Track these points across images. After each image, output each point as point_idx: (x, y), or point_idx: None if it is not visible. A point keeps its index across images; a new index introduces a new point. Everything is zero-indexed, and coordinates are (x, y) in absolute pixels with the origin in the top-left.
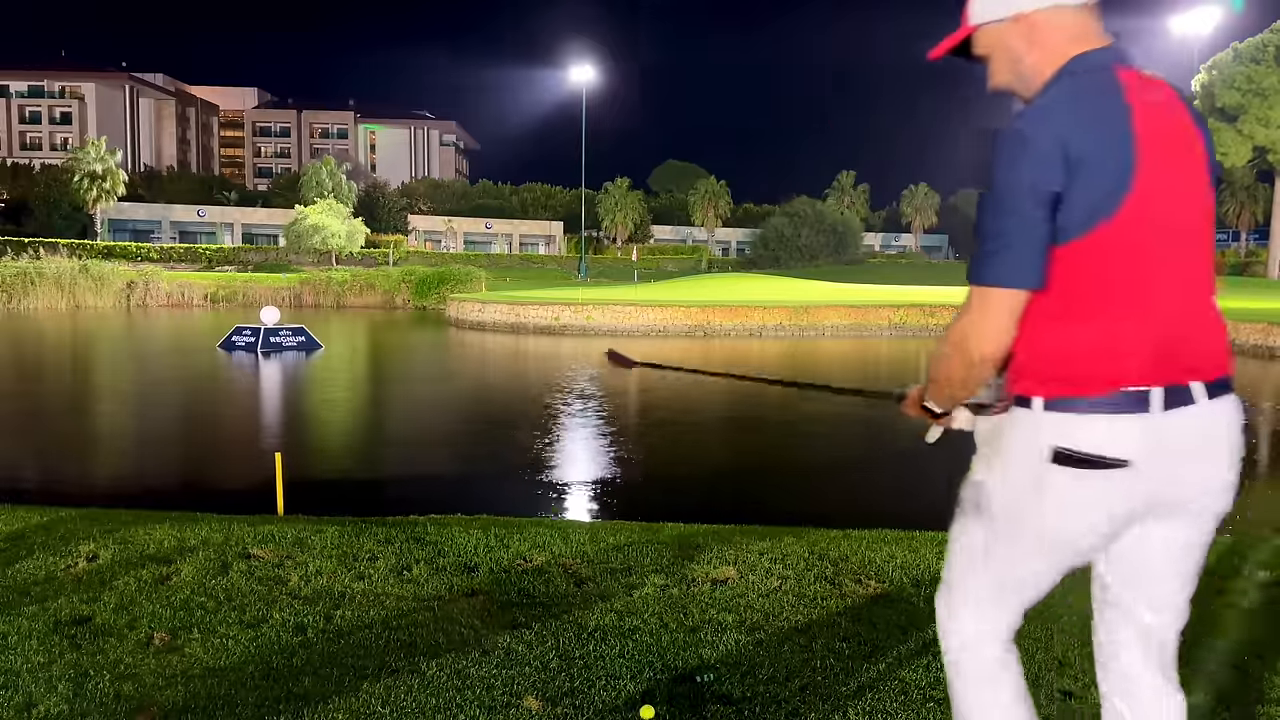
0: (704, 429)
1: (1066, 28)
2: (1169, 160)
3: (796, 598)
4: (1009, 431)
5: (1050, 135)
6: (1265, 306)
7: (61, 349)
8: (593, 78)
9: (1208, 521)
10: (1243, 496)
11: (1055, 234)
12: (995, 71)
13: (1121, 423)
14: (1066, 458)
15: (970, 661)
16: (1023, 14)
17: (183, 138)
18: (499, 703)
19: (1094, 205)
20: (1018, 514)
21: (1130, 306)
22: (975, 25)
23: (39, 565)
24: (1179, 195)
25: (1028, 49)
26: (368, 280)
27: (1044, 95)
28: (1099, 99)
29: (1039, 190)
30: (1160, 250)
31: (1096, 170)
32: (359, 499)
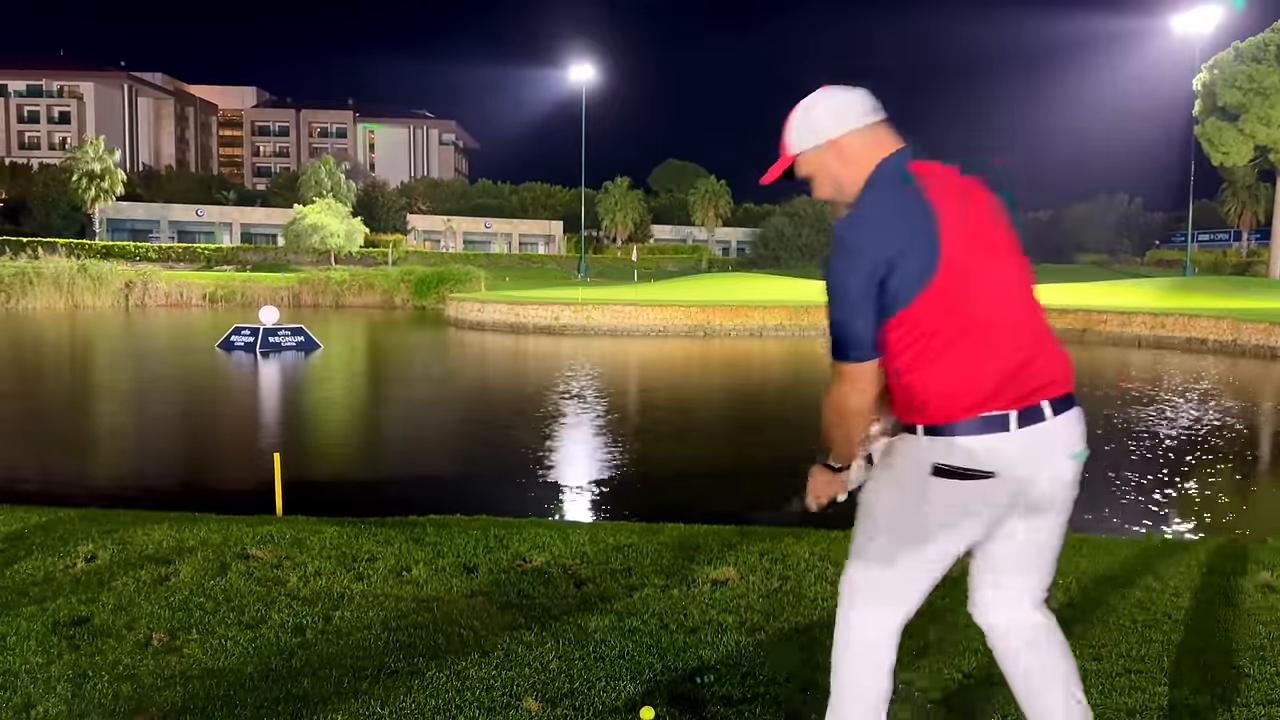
0: (704, 429)
1: (866, 143)
2: (968, 228)
3: (796, 598)
4: (899, 451)
5: (870, 242)
6: (1266, 306)
7: (60, 349)
8: (592, 77)
9: (1061, 514)
10: (1243, 497)
11: (886, 309)
12: (819, 187)
13: (986, 441)
14: (944, 471)
15: (859, 646)
16: (832, 139)
17: (181, 137)
18: (499, 703)
19: (910, 283)
20: (906, 519)
21: (969, 348)
22: (795, 154)
23: (38, 566)
24: (986, 253)
25: (841, 166)
26: (367, 280)
27: (860, 205)
28: (904, 203)
29: (867, 285)
30: (984, 302)
31: (910, 258)
32: (358, 499)
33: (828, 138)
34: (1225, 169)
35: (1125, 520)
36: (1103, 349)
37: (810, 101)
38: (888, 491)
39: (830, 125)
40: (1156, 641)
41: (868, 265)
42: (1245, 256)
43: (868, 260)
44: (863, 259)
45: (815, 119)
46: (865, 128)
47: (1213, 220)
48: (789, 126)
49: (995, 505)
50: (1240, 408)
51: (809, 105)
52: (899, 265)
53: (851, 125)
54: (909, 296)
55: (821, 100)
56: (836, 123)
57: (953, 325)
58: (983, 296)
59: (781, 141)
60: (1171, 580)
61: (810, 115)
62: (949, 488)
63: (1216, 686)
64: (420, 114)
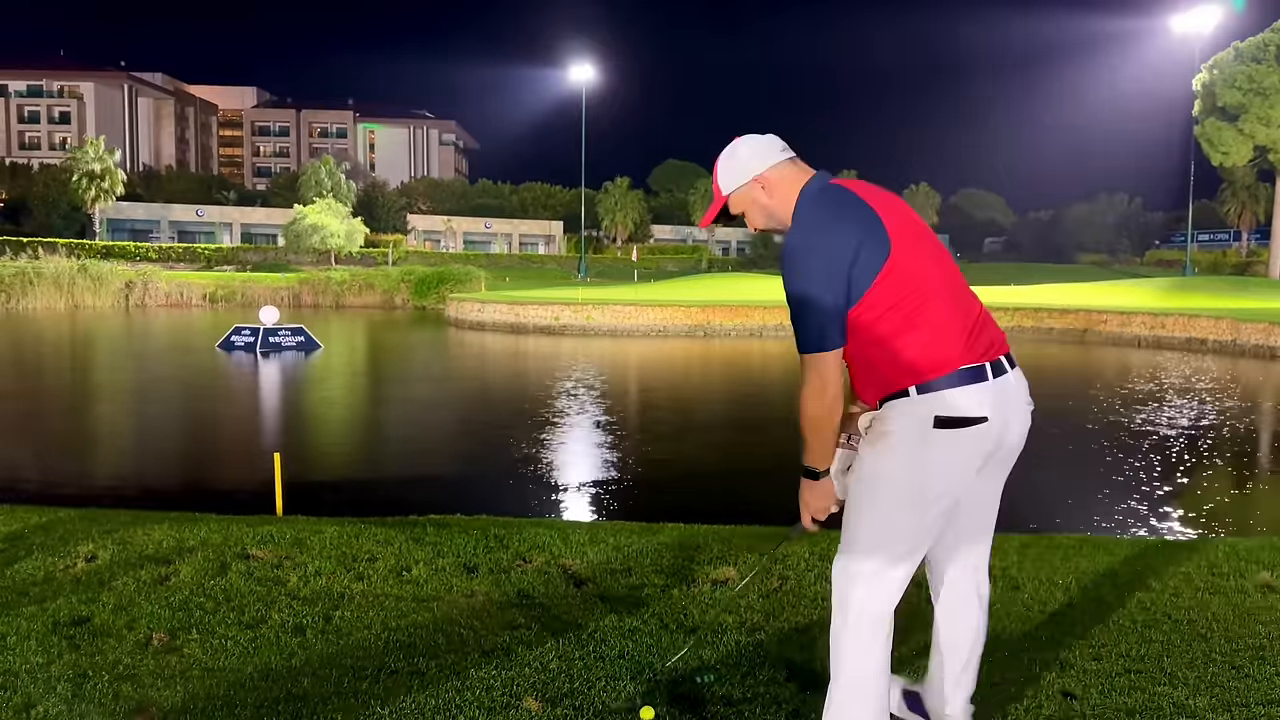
0: (704, 429)
1: (785, 174)
2: (897, 216)
3: (796, 598)
4: (892, 417)
5: (827, 242)
6: (1266, 306)
7: (60, 349)
8: (592, 77)
9: (1011, 465)
10: (1243, 497)
11: (851, 297)
12: (753, 219)
13: (972, 390)
14: (944, 421)
15: (863, 621)
16: (758, 175)
17: (181, 137)
18: (499, 703)
19: (871, 267)
20: (909, 477)
21: (931, 314)
22: (727, 195)
23: (38, 566)
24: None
25: (769, 196)
26: (367, 280)
27: (804, 216)
28: (843, 204)
29: (828, 280)
30: (933, 274)
31: (866, 246)
32: (358, 499)
33: (754, 174)
34: (1225, 169)
35: (1125, 520)
36: (1102, 349)
37: (731, 148)
38: (887, 456)
39: (755, 164)
40: (1156, 641)
41: (827, 262)
42: (1245, 256)
43: (826, 258)
44: (822, 257)
45: (740, 161)
46: (782, 162)
47: (1212, 220)
48: (717, 172)
49: (984, 453)
50: (1240, 408)
51: (731, 151)
52: (859, 254)
53: (772, 161)
54: (870, 279)
55: (741, 145)
56: (760, 161)
57: (915, 296)
58: (930, 269)
59: (713, 186)
60: (1171, 580)
61: (735, 158)
62: (951, 437)
63: (1216, 686)
64: (420, 114)
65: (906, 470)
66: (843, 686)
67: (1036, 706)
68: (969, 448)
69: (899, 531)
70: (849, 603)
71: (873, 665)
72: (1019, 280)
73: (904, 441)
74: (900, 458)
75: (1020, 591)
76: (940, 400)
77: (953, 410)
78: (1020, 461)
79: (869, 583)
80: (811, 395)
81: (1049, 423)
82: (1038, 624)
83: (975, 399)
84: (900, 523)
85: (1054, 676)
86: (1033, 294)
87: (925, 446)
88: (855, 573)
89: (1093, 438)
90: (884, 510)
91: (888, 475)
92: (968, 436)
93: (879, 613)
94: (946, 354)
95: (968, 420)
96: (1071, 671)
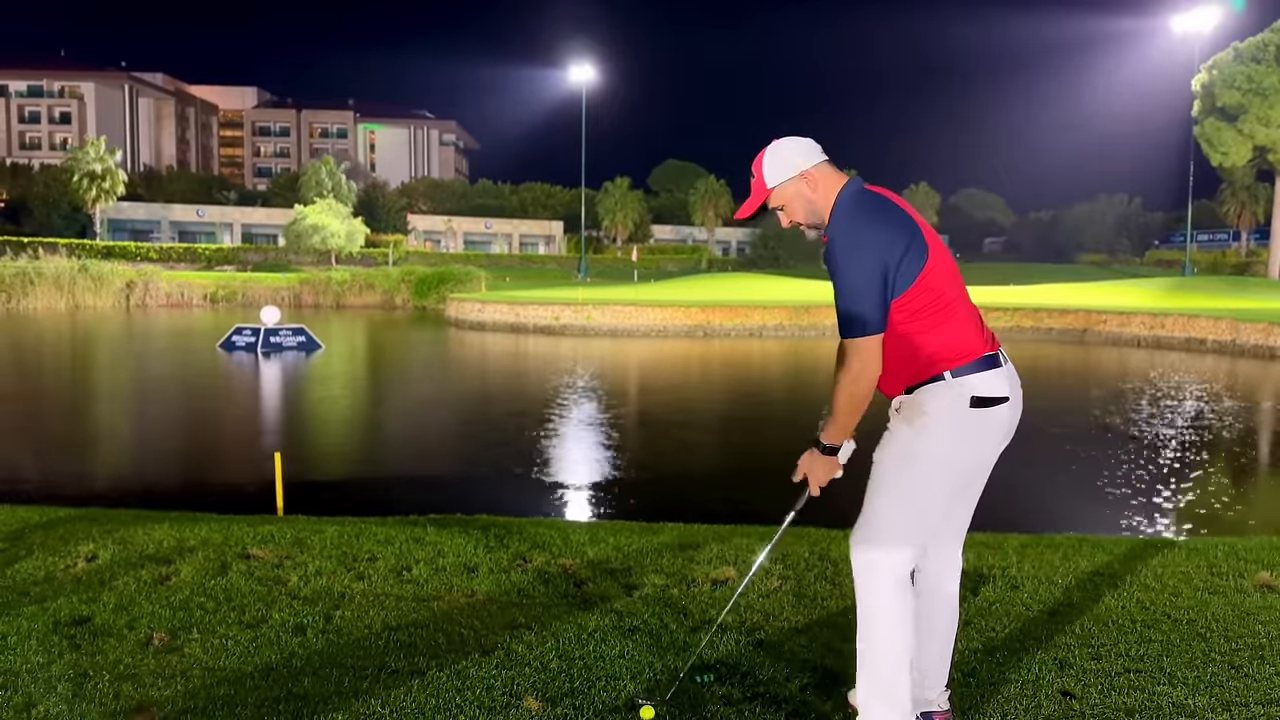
0: (704, 429)
1: (826, 173)
2: (927, 229)
3: (796, 598)
4: (929, 399)
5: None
6: (1265, 306)
7: (61, 349)
8: (592, 77)
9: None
10: (1243, 496)
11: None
12: (792, 213)
13: (995, 374)
14: (979, 401)
15: (889, 588)
16: (805, 171)
17: (182, 137)
18: (499, 703)
19: (911, 273)
20: (945, 452)
21: (956, 310)
22: (772, 187)
23: (39, 565)
24: (941, 248)
25: (813, 192)
26: (367, 280)
27: (850, 212)
28: (889, 207)
29: (875, 275)
30: (952, 280)
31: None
32: (359, 499)
33: (800, 170)
34: (1224, 169)
35: (1125, 520)
36: (1102, 349)
37: (777, 145)
38: (928, 433)
39: (801, 160)
40: (1156, 641)
41: (876, 257)
42: (1244, 256)
43: (875, 253)
44: (872, 251)
45: (787, 156)
46: (823, 162)
47: (1212, 220)
48: (762, 167)
49: (1005, 429)
50: (1239, 408)
51: (777, 147)
52: (903, 256)
53: (815, 160)
54: (911, 280)
55: (788, 142)
56: (805, 158)
57: (945, 295)
58: (950, 277)
59: (754, 180)
60: (1171, 580)
61: (781, 154)
62: (984, 415)
63: (1216, 686)
64: (420, 114)
65: (945, 445)
66: (880, 653)
67: (1036, 706)
68: (996, 424)
69: (930, 503)
70: (879, 570)
71: (908, 628)
72: (1019, 280)
73: (944, 419)
74: (940, 434)
75: (1020, 591)
76: (973, 383)
77: (985, 391)
78: (1020, 461)
79: (899, 550)
80: (851, 378)
81: (1049, 422)
82: (1037, 624)
83: (999, 381)
84: (932, 494)
85: (1054, 676)
86: (1032, 294)
87: (963, 423)
88: (886, 542)
89: (1092, 438)
90: (920, 483)
91: (928, 450)
92: (996, 414)
93: (905, 578)
94: (971, 344)
95: (995, 400)
96: (1071, 671)
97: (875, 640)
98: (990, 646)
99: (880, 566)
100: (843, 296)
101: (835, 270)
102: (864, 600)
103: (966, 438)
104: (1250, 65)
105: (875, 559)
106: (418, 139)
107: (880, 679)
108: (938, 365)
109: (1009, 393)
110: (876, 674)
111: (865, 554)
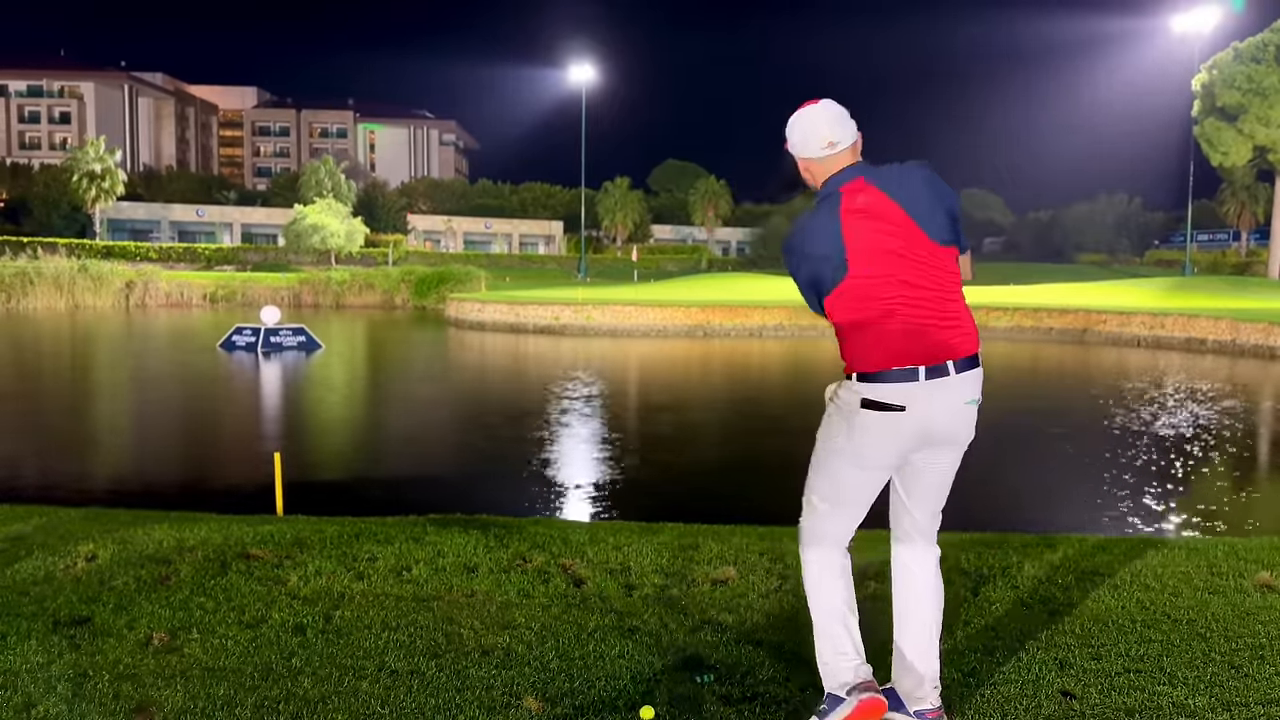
0: (704, 429)
1: (822, 166)
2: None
3: (796, 598)
4: (840, 394)
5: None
6: (1265, 306)
7: (61, 349)
8: (592, 77)
9: (958, 451)
10: (1243, 497)
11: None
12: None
13: (897, 385)
14: (869, 404)
15: (824, 568)
16: (804, 159)
17: (182, 137)
18: (499, 703)
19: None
20: (845, 443)
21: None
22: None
23: (38, 565)
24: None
25: (809, 175)
26: (367, 280)
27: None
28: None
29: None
30: (883, 296)
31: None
32: (359, 499)
33: (805, 157)
34: (1224, 169)
35: (1125, 520)
36: (1102, 349)
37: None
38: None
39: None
40: (1156, 641)
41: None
42: (1244, 256)
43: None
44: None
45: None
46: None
47: (1212, 220)
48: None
49: (907, 434)
50: (1239, 408)
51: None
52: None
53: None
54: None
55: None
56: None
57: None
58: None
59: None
60: (1171, 580)
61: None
62: (873, 417)
63: (1216, 686)
64: (420, 114)
65: (842, 436)
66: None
67: (1036, 706)
68: (888, 428)
69: (842, 482)
70: (808, 542)
71: (839, 595)
72: (1019, 280)
73: (840, 414)
74: (837, 426)
75: (1020, 591)
76: (869, 388)
77: (874, 396)
78: (1021, 462)
79: (817, 518)
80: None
81: (1049, 422)
82: (1038, 624)
83: (898, 392)
84: (844, 476)
85: (1054, 676)
86: (1032, 294)
87: (854, 421)
88: (809, 509)
89: (1092, 438)
90: (831, 464)
91: (829, 437)
92: (887, 419)
93: (832, 548)
94: (884, 355)
95: (888, 406)
96: (1071, 671)
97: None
98: (990, 646)
99: (805, 536)
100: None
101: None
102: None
103: (857, 432)
104: (1250, 65)
105: (801, 527)
106: (418, 139)
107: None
108: (851, 365)
109: (907, 403)
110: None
111: (803, 534)
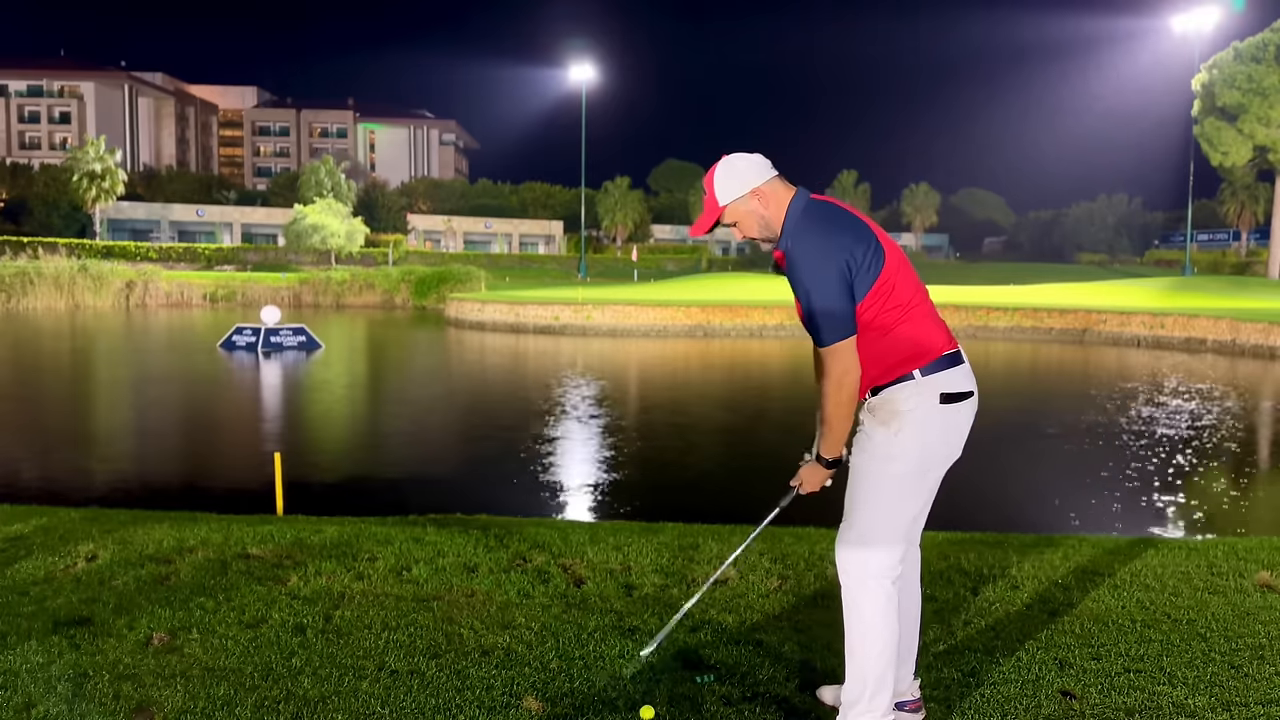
0: (703, 429)
1: (778, 188)
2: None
3: (796, 598)
4: (903, 398)
5: (838, 246)
6: (1265, 306)
7: (61, 349)
8: (592, 77)
9: None
10: (1243, 497)
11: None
12: (745, 229)
13: (959, 370)
14: (948, 397)
15: (890, 599)
16: (755, 188)
17: (182, 137)
18: (499, 703)
19: (872, 272)
20: (920, 449)
21: (918, 310)
22: (724, 205)
23: (38, 565)
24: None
25: (765, 209)
26: (367, 280)
27: (801, 224)
28: (839, 215)
29: (845, 275)
30: (909, 280)
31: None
32: (359, 499)
33: (752, 186)
34: (1224, 169)
35: (1125, 520)
36: (1102, 349)
37: (728, 162)
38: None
39: (753, 177)
40: (1156, 641)
41: (835, 264)
42: (1244, 256)
43: (834, 260)
44: (829, 260)
45: (739, 174)
46: (774, 178)
47: (1212, 220)
48: (714, 184)
49: (968, 422)
50: (1239, 408)
51: (729, 165)
52: (861, 260)
53: (766, 176)
54: (871, 281)
55: (738, 160)
56: (756, 175)
57: (907, 294)
58: (909, 278)
59: (707, 196)
60: (1171, 580)
61: (734, 171)
62: (954, 410)
63: (1216, 686)
64: (420, 114)
65: (920, 442)
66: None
67: (1036, 706)
68: (964, 418)
69: (910, 501)
70: (872, 573)
71: (894, 623)
72: (1019, 280)
73: (918, 418)
74: (915, 433)
75: (1020, 591)
76: (940, 380)
77: (952, 387)
78: (1020, 461)
79: (889, 551)
80: (835, 384)
81: (1049, 422)
82: (1037, 624)
83: (963, 377)
84: (909, 490)
85: (1054, 676)
86: (1032, 294)
87: (935, 419)
88: (876, 543)
89: (1092, 438)
90: (901, 483)
91: (904, 450)
92: (963, 409)
93: (893, 576)
94: (935, 342)
95: (962, 395)
96: (1071, 671)
97: (869, 640)
98: (990, 646)
99: (872, 568)
100: (812, 306)
101: (799, 282)
102: (856, 602)
103: (938, 434)
104: (1250, 65)
105: (867, 561)
106: (417, 139)
107: (872, 678)
108: (906, 365)
109: (973, 387)
110: (867, 673)
111: (856, 556)
